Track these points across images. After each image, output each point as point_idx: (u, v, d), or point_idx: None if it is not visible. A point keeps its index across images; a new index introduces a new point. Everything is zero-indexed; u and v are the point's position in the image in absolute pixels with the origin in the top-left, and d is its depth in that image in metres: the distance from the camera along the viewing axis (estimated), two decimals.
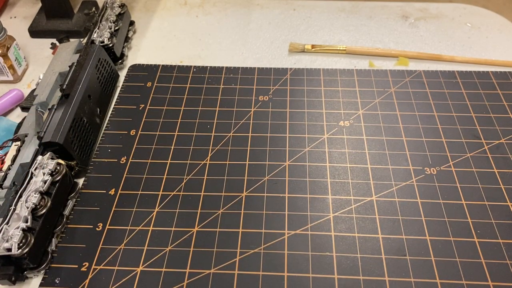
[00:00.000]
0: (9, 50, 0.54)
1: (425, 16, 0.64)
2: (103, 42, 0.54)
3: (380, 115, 0.50)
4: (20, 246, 0.35)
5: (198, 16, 0.66)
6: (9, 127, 0.49)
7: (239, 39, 0.61)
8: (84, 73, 0.48)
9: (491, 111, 0.50)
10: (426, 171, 0.44)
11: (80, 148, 0.45)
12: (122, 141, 0.48)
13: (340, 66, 0.57)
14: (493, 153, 0.46)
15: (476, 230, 0.40)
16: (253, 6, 0.67)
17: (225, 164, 0.45)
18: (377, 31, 0.62)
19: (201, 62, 0.58)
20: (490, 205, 0.41)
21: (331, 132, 0.48)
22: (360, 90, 0.52)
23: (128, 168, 0.45)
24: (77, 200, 0.43)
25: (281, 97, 0.52)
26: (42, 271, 0.38)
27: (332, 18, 0.64)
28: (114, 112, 0.51)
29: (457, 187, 0.43)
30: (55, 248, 0.39)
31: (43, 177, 0.39)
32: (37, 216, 0.37)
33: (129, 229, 0.41)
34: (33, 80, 0.56)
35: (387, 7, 0.65)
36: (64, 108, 0.44)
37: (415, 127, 0.48)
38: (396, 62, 0.57)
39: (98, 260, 0.39)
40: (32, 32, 0.62)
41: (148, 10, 0.67)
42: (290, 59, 0.58)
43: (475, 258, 0.38)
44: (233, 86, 0.54)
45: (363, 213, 0.41)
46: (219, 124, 0.49)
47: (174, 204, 0.42)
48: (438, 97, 0.51)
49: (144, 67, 0.57)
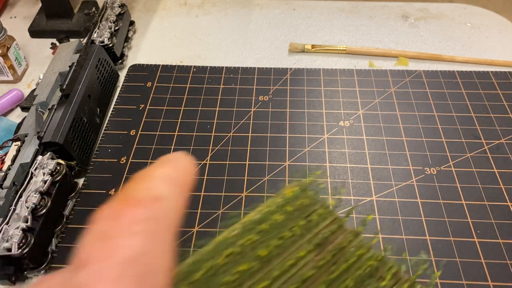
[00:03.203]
0: (9, 50, 0.54)
1: (425, 16, 0.64)
2: (103, 42, 0.54)
3: (380, 115, 0.50)
4: (20, 246, 0.35)
5: (198, 16, 0.66)
6: (9, 127, 0.49)
7: (239, 39, 0.61)
8: (84, 73, 0.48)
9: (491, 111, 0.50)
10: (426, 171, 0.44)
11: (80, 148, 0.45)
12: (122, 141, 0.48)
13: (340, 66, 0.57)
14: (493, 153, 0.46)
15: (476, 230, 0.40)
16: (253, 6, 0.67)
17: (225, 164, 0.45)
18: (377, 31, 0.62)
19: (201, 62, 0.58)
20: (490, 205, 0.41)
21: (331, 132, 0.48)
22: (360, 90, 0.52)
23: (128, 168, 0.45)
24: (77, 200, 0.43)
25: (281, 97, 0.52)
26: (42, 271, 0.38)
27: (332, 18, 0.64)
28: (114, 112, 0.51)
29: (457, 187, 0.43)
30: (55, 248, 0.39)
31: (43, 177, 0.39)
32: (37, 216, 0.37)
33: None
34: (33, 80, 0.56)
35: (387, 7, 0.65)
36: (64, 108, 0.44)
37: (415, 127, 0.48)
38: (396, 62, 0.57)
39: None
40: (32, 32, 0.62)
41: (148, 10, 0.67)
42: (290, 59, 0.58)
43: (475, 258, 0.38)
44: (233, 86, 0.54)
45: (363, 213, 0.41)
46: (219, 124, 0.49)
47: None
48: (438, 97, 0.51)
49: (144, 67, 0.57)
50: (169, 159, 0.17)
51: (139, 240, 0.13)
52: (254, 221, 0.28)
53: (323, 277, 0.26)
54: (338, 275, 0.26)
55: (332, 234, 0.27)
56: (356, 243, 0.27)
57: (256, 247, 0.26)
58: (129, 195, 0.15)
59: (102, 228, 0.14)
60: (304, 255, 0.26)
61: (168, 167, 0.16)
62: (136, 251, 0.13)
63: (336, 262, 0.26)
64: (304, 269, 0.26)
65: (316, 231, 0.27)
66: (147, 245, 0.13)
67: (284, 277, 0.25)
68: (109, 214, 0.14)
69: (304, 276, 0.25)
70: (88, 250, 0.13)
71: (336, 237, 0.27)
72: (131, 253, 0.13)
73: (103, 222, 0.14)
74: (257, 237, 0.27)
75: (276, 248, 0.26)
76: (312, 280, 0.26)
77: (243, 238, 0.27)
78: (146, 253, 0.13)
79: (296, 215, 0.28)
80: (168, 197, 0.15)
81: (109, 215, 0.14)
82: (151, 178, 0.15)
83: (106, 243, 0.13)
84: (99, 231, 0.14)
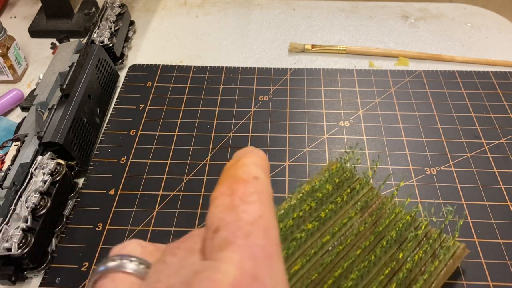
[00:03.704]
0: (9, 50, 0.54)
1: (425, 16, 0.64)
2: (103, 42, 0.54)
3: (380, 115, 0.50)
4: (20, 246, 0.35)
5: (198, 16, 0.66)
6: (9, 127, 0.49)
7: (239, 39, 0.61)
8: (84, 73, 0.48)
9: (491, 111, 0.50)
10: (426, 171, 0.44)
11: (80, 148, 0.45)
12: (122, 141, 0.48)
13: (340, 66, 0.57)
14: (493, 153, 0.46)
15: (476, 230, 0.39)
16: (253, 6, 0.67)
17: (225, 164, 0.45)
18: (377, 31, 0.62)
19: (201, 62, 0.58)
20: (490, 205, 0.41)
21: (331, 132, 0.48)
22: (360, 90, 0.52)
23: (128, 168, 0.45)
24: (77, 200, 0.43)
25: (281, 97, 0.52)
26: (42, 271, 0.38)
27: (332, 18, 0.64)
28: (114, 112, 0.51)
29: (457, 187, 0.43)
30: (55, 248, 0.39)
31: (43, 177, 0.39)
32: (37, 216, 0.37)
33: (129, 229, 0.41)
34: (33, 80, 0.56)
35: (387, 7, 0.65)
36: (64, 108, 0.44)
37: (415, 127, 0.48)
38: (396, 62, 0.57)
39: (98, 260, 0.39)
40: (32, 32, 0.62)
41: (148, 10, 0.67)
42: (290, 59, 0.58)
43: (475, 258, 0.38)
44: (233, 86, 0.54)
45: None
46: (219, 124, 0.49)
47: (174, 204, 0.42)
48: (438, 97, 0.51)
49: (144, 67, 0.57)
50: (247, 151, 0.22)
51: (256, 206, 0.18)
52: (309, 191, 0.37)
53: (371, 230, 0.35)
54: (383, 229, 0.35)
55: (370, 200, 0.37)
56: (389, 206, 0.37)
57: (316, 210, 0.36)
58: (235, 177, 0.19)
59: (224, 201, 0.18)
60: (352, 216, 0.36)
61: (252, 156, 0.21)
62: (257, 214, 0.17)
63: (378, 220, 0.36)
64: (355, 225, 0.35)
65: (358, 197, 0.37)
66: (261, 209, 0.17)
67: (340, 232, 0.35)
68: (225, 191, 0.18)
69: (355, 231, 0.35)
70: (219, 218, 0.17)
71: (374, 202, 0.37)
72: (253, 215, 0.17)
73: (224, 197, 0.18)
74: (314, 203, 0.36)
75: (330, 212, 0.36)
76: (362, 233, 0.35)
77: (304, 204, 0.36)
78: (263, 215, 0.17)
79: (341, 185, 0.38)
80: (262, 177, 0.19)
81: (226, 192, 0.18)
82: (246, 164, 0.20)
83: (232, 211, 0.17)
84: (222, 204, 0.18)
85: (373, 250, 0.34)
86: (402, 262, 0.33)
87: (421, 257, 0.34)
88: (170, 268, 0.17)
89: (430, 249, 0.34)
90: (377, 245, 0.34)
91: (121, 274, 0.18)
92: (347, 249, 0.34)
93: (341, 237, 0.35)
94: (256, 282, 0.15)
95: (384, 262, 0.33)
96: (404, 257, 0.33)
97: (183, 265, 0.17)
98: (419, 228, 0.35)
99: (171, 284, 0.16)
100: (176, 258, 0.18)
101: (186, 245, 0.19)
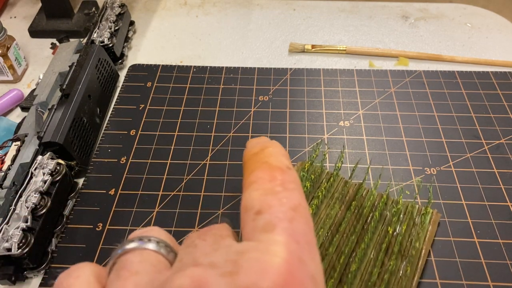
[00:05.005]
0: (9, 50, 0.54)
1: (425, 16, 0.64)
2: (103, 42, 0.54)
3: (380, 115, 0.50)
4: (20, 246, 0.35)
5: (198, 16, 0.66)
6: (9, 127, 0.49)
7: (239, 39, 0.61)
8: (84, 73, 0.48)
9: (491, 111, 0.50)
10: (426, 171, 0.44)
11: (80, 148, 0.45)
12: (122, 141, 0.48)
13: (340, 66, 0.57)
14: (493, 153, 0.46)
15: (476, 230, 0.39)
16: (253, 6, 0.67)
17: (225, 164, 0.45)
18: (377, 31, 0.62)
19: (201, 62, 0.58)
20: (490, 205, 0.41)
21: (331, 132, 0.48)
22: (360, 90, 0.52)
23: (128, 168, 0.45)
24: (77, 200, 0.43)
25: (281, 97, 0.52)
26: (42, 271, 0.38)
27: (332, 18, 0.64)
28: (114, 112, 0.51)
29: (457, 187, 0.43)
30: (55, 248, 0.39)
31: (43, 177, 0.39)
32: (37, 216, 0.37)
33: (129, 229, 0.41)
34: (33, 80, 0.56)
35: (387, 7, 0.65)
36: (64, 108, 0.44)
37: (415, 127, 0.48)
38: (396, 62, 0.57)
39: (98, 261, 0.39)
40: (32, 32, 0.62)
41: (148, 10, 0.67)
42: (290, 59, 0.58)
43: (475, 258, 0.38)
44: (233, 86, 0.54)
45: None
46: (219, 124, 0.49)
47: (174, 204, 0.42)
48: (438, 97, 0.51)
49: (144, 67, 0.57)
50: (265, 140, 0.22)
51: (296, 194, 0.18)
52: None
53: (356, 215, 0.39)
54: (366, 211, 0.39)
55: (347, 189, 0.41)
56: (364, 191, 0.41)
57: None
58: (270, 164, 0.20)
59: (264, 186, 0.18)
60: (335, 206, 0.40)
61: (277, 147, 0.21)
62: (297, 201, 0.18)
63: (360, 205, 0.40)
64: (341, 214, 0.39)
65: (333, 189, 0.41)
66: (300, 197, 0.18)
67: (330, 222, 0.38)
68: (263, 176, 0.19)
69: (346, 219, 0.39)
70: (261, 202, 0.18)
71: (349, 190, 0.41)
72: (294, 202, 0.18)
73: (263, 182, 0.19)
74: None
75: (315, 207, 0.39)
76: (350, 220, 0.39)
77: None
78: (301, 203, 0.18)
79: (316, 181, 0.42)
80: (293, 168, 0.20)
81: (265, 177, 0.19)
82: (274, 154, 0.21)
83: (274, 196, 0.18)
84: (263, 188, 0.18)
85: (365, 231, 0.38)
86: (392, 235, 0.38)
87: (406, 228, 0.38)
88: (203, 249, 0.17)
89: (411, 219, 0.39)
90: (368, 227, 0.38)
91: (148, 251, 0.18)
92: (343, 236, 0.38)
93: (331, 227, 0.38)
94: (302, 264, 0.16)
95: (377, 239, 0.38)
96: (394, 231, 0.38)
97: (217, 247, 0.17)
98: (397, 203, 0.40)
99: (213, 262, 0.16)
100: (206, 242, 0.18)
101: (211, 232, 0.19)
